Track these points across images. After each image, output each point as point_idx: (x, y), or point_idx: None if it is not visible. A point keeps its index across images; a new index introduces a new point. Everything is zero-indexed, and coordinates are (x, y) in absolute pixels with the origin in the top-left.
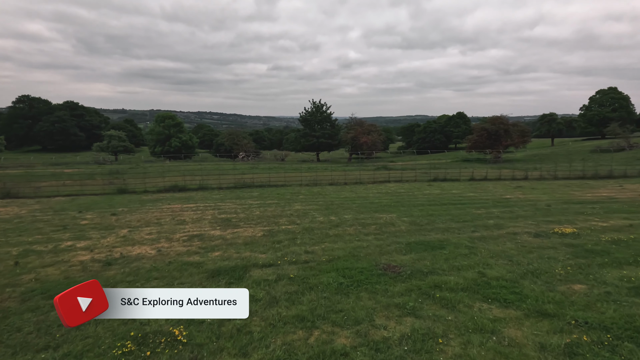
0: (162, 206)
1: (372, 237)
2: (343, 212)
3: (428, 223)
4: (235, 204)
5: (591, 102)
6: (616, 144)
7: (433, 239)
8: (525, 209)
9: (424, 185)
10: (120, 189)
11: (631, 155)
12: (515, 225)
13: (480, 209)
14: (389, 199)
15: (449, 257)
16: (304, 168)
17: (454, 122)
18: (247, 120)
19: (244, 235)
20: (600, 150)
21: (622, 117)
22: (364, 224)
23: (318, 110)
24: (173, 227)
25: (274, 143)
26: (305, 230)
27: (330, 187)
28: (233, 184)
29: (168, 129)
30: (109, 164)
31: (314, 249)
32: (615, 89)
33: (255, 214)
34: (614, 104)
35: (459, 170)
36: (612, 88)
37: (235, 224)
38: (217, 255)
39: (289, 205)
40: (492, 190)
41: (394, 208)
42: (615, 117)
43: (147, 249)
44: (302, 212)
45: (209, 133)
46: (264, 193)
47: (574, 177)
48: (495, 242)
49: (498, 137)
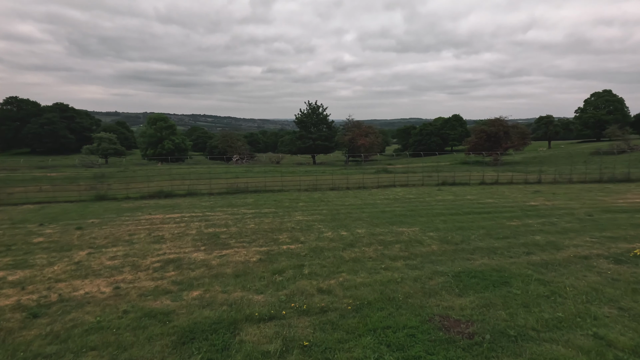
0: (141, 217)
1: (401, 264)
2: (353, 224)
3: (463, 240)
4: (227, 213)
5: (586, 105)
6: (617, 146)
7: (483, 266)
8: (566, 219)
9: (433, 190)
10: (99, 195)
11: (634, 158)
12: (574, 243)
13: (513, 220)
14: (402, 207)
15: (526, 301)
16: (301, 171)
17: (450, 125)
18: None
19: (234, 259)
20: (597, 153)
21: (618, 120)
22: (384, 241)
23: (314, 112)
24: (146, 246)
25: (268, 146)
26: (313, 251)
27: (331, 192)
28: (225, 189)
29: (160, 131)
30: (97, 167)
31: (330, 285)
32: (610, 91)
33: (250, 227)
34: (609, 107)
35: (469, 174)
36: (607, 91)
37: (224, 241)
38: (196, 298)
39: (289, 215)
40: (511, 196)
41: (411, 219)
42: (610, 120)
43: (101, 285)
44: (305, 224)
45: (203, 135)
46: (260, 199)
47: (590, 180)
48: (570, 271)
49: (498, 139)
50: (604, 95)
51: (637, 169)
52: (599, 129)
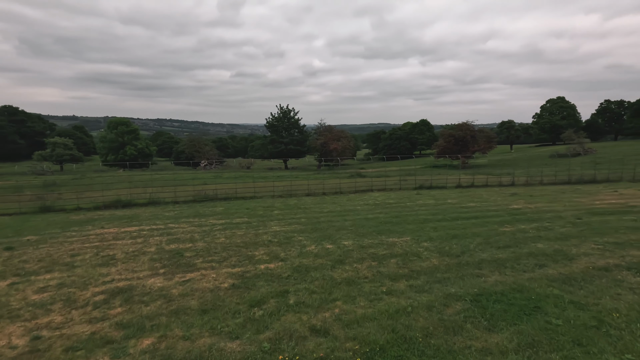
0: (91, 231)
1: (405, 285)
2: (338, 234)
3: (463, 251)
4: (193, 224)
5: (543, 111)
6: (573, 150)
7: (500, 285)
8: (558, 223)
9: (411, 194)
10: (45, 207)
11: (589, 160)
12: (582, 251)
13: (504, 225)
14: (385, 214)
15: (576, 336)
16: (273, 176)
17: (419, 129)
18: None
19: (201, 286)
20: (558, 156)
21: (571, 125)
22: (377, 256)
23: (285, 116)
24: (90, 271)
25: (238, 151)
26: (297, 271)
27: (308, 198)
28: (192, 196)
29: (122, 136)
30: (50, 175)
31: (325, 320)
32: (563, 98)
33: (220, 241)
34: (562, 113)
35: (445, 177)
36: (561, 97)
37: (188, 261)
38: (147, 350)
39: (264, 226)
40: (490, 199)
41: (399, 226)
42: (564, 125)
43: (14, 334)
44: (283, 236)
45: (169, 140)
46: (230, 208)
47: (559, 182)
48: (598, 288)
49: (465, 143)
50: (558, 101)
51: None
52: (555, 133)
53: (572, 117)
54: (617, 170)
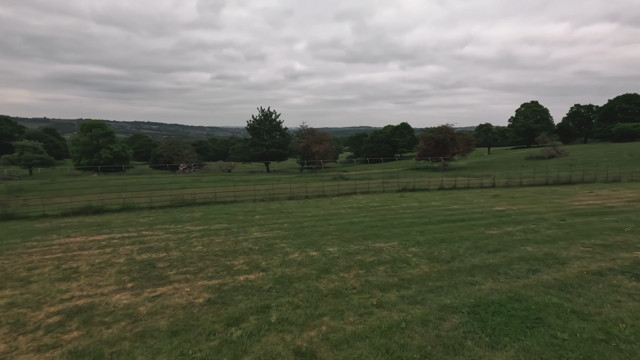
0: (55, 240)
1: (396, 296)
2: (322, 240)
3: (453, 257)
4: (168, 231)
5: (518, 114)
6: (547, 152)
7: (496, 293)
8: (543, 225)
9: (395, 196)
10: (6, 215)
11: (563, 162)
12: (573, 255)
13: (491, 228)
14: (370, 217)
15: (586, 353)
16: (255, 180)
17: (399, 132)
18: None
19: (172, 302)
20: (532, 158)
21: (544, 128)
22: (364, 263)
23: (267, 118)
24: (48, 287)
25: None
26: (279, 283)
27: (290, 202)
28: (169, 201)
29: (96, 138)
30: (17, 179)
31: (311, 340)
32: (536, 102)
33: (196, 249)
34: (536, 116)
35: (428, 179)
36: (534, 102)
37: (161, 273)
38: None
39: (244, 232)
40: (473, 201)
41: (385, 231)
42: (538, 128)
43: None
44: (264, 243)
45: (147, 144)
46: (209, 213)
47: (538, 183)
48: (597, 295)
49: (445, 145)
50: (531, 105)
51: (571, 172)
52: (530, 136)
53: (545, 120)
54: (591, 172)
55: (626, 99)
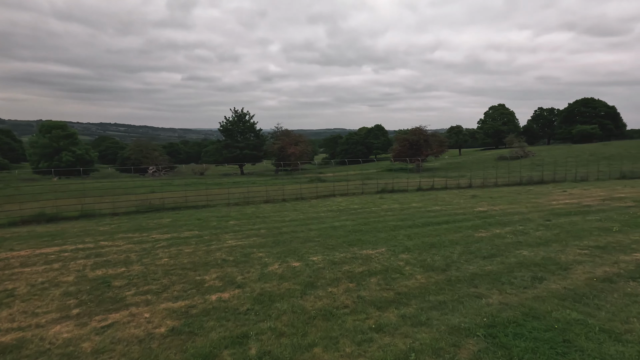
0: None
1: (395, 316)
2: (303, 248)
3: (447, 264)
4: (131, 241)
5: (486, 117)
6: (515, 153)
7: (508, 309)
8: (530, 226)
9: (375, 198)
10: None
11: (531, 162)
12: (571, 259)
13: (479, 231)
14: (352, 221)
15: None
16: (229, 183)
17: (374, 134)
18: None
19: (126, 335)
20: (502, 159)
21: (511, 130)
22: (353, 274)
23: (240, 120)
24: None
25: (191, 156)
26: (259, 302)
27: (267, 205)
28: (135, 207)
29: (57, 140)
30: None
31: None
32: (503, 105)
33: (162, 262)
34: (503, 119)
35: (407, 181)
36: (501, 105)
37: (116, 294)
38: None
39: (218, 240)
40: (453, 202)
41: (370, 235)
42: (505, 130)
43: None
44: (240, 252)
45: (113, 146)
46: (179, 219)
47: (512, 183)
48: (617, 308)
49: (419, 147)
50: (499, 108)
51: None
52: (498, 137)
53: (512, 122)
54: (559, 172)
55: (584, 103)
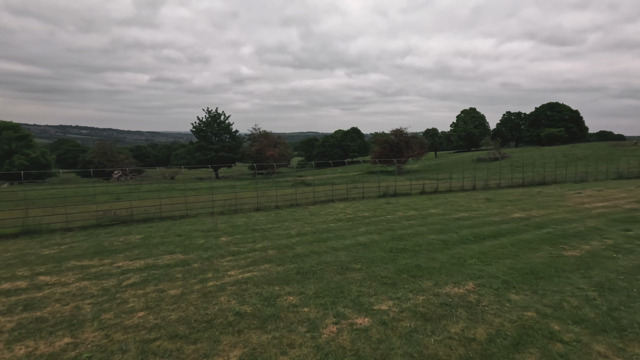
0: None
1: None
2: (351, 285)
3: (607, 310)
4: (86, 275)
5: (458, 120)
6: (492, 155)
7: None
8: (620, 240)
9: (381, 203)
10: None
11: (509, 164)
12: None
13: (560, 248)
14: (378, 234)
15: None
16: (206, 188)
17: (350, 137)
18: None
19: None
20: (480, 160)
21: (482, 133)
22: (472, 343)
23: (215, 120)
24: None
25: (160, 160)
26: None
27: (259, 214)
28: (95, 219)
29: (8, 143)
30: None
31: None
32: (474, 109)
33: (134, 320)
34: (475, 122)
35: (409, 183)
36: (472, 108)
37: None
38: None
39: (214, 269)
40: (472, 206)
41: (423, 258)
42: (477, 133)
43: None
44: (256, 294)
45: (74, 149)
46: (153, 235)
47: (515, 185)
48: None
49: (400, 149)
50: (470, 112)
51: (533, 173)
52: (470, 140)
53: (483, 126)
54: (539, 172)
55: (550, 107)
